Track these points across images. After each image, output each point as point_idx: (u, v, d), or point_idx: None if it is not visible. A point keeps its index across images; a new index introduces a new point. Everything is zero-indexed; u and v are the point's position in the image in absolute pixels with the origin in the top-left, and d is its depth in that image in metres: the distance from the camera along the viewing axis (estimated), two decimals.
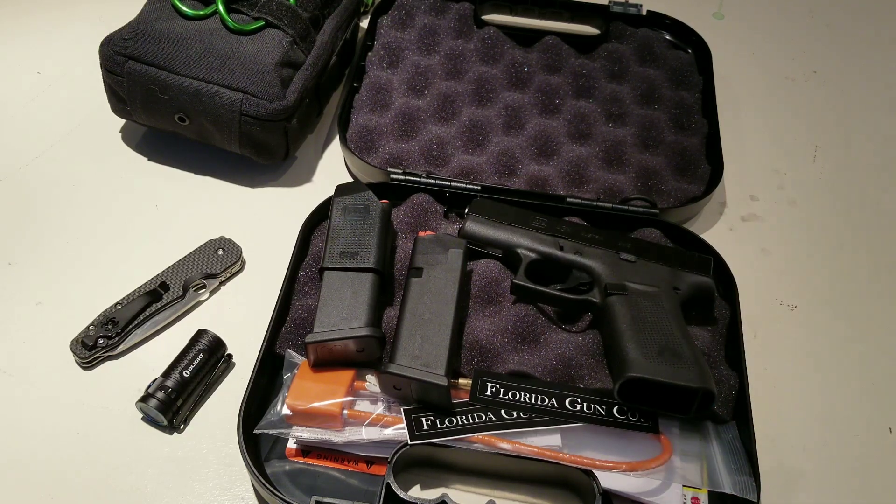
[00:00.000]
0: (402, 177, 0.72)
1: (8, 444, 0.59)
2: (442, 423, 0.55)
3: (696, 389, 0.54)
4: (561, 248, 0.64)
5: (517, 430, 0.55)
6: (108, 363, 0.64)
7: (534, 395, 0.57)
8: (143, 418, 0.60)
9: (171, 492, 0.57)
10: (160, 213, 0.74)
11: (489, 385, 0.57)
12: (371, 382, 0.57)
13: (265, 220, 0.74)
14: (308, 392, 0.56)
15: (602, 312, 0.61)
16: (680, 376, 0.54)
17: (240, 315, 0.67)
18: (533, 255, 0.64)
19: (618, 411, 0.56)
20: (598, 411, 0.56)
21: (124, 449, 0.59)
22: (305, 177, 0.78)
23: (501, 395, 0.57)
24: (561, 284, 0.64)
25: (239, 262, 0.70)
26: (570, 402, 0.56)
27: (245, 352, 0.64)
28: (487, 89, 0.82)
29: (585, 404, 0.57)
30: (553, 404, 0.56)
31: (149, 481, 0.57)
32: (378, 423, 0.56)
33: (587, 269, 0.64)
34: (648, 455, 0.55)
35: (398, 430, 0.55)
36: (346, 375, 0.58)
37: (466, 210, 0.68)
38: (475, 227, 0.66)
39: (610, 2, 0.89)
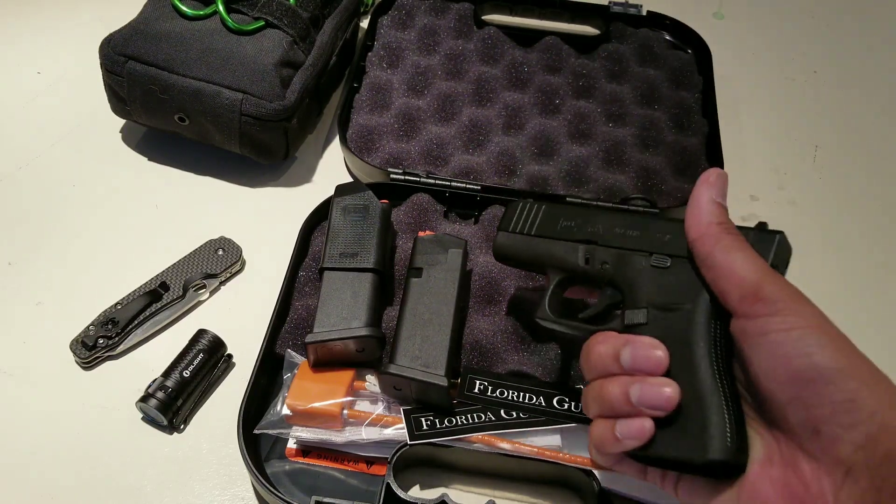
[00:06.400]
0: (402, 177, 0.72)
1: (8, 444, 0.59)
2: (441, 423, 0.55)
3: (701, 465, 0.41)
4: (587, 261, 0.52)
5: (517, 430, 0.55)
6: (108, 363, 0.64)
7: (522, 393, 0.57)
8: (143, 418, 0.60)
9: (171, 492, 0.57)
10: (160, 213, 0.74)
11: (477, 382, 0.57)
12: (371, 382, 0.57)
13: (265, 220, 0.74)
14: (308, 392, 0.56)
15: None
16: (683, 447, 0.41)
17: (240, 315, 0.67)
18: (559, 275, 0.54)
19: None
20: None
21: (124, 449, 0.59)
22: (305, 177, 0.78)
23: (489, 393, 0.57)
24: (589, 310, 0.52)
25: (239, 262, 0.70)
26: (558, 401, 0.56)
27: (245, 352, 0.64)
28: (487, 89, 0.82)
29: (573, 403, 0.56)
30: (541, 402, 0.56)
31: (149, 481, 0.57)
32: (378, 423, 0.56)
33: (616, 285, 0.50)
34: None
35: (398, 430, 0.55)
36: (346, 375, 0.58)
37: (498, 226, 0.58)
38: (505, 243, 0.57)
39: (610, 2, 0.89)
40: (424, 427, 0.55)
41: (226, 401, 0.61)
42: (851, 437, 0.37)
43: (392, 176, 0.72)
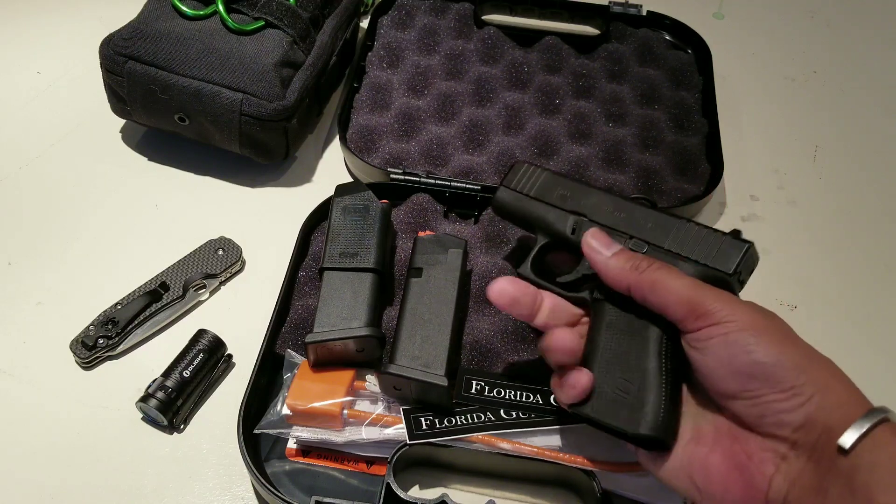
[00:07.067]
0: (402, 177, 0.72)
1: (7, 444, 0.59)
2: (441, 422, 0.55)
3: (631, 436, 0.48)
4: (573, 231, 0.56)
5: (517, 430, 0.55)
6: (108, 363, 0.64)
7: (518, 392, 0.57)
8: (143, 418, 0.60)
9: (171, 492, 0.57)
10: (160, 213, 0.74)
11: (474, 383, 0.57)
12: (371, 382, 0.58)
13: (265, 220, 0.74)
14: (308, 392, 0.56)
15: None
16: (621, 418, 0.48)
17: (240, 315, 0.67)
18: (546, 239, 0.58)
19: None
20: None
21: (124, 449, 0.59)
22: (305, 177, 0.78)
23: (486, 393, 0.57)
24: (567, 275, 0.57)
25: (239, 262, 0.70)
26: (554, 399, 0.56)
27: (245, 352, 0.64)
28: (487, 89, 0.82)
29: None
30: (538, 401, 0.56)
31: (149, 481, 0.57)
32: (378, 423, 0.56)
33: None
34: None
35: (398, 430, 0.55)
36: (346, 375, 0.58)
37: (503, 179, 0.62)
38: (505, 198, 0.61)
39: (610, 2, 0.89)
40: (424, 427, 0.55)
41: (226, 401, 0.62)
42: (792, 419, 0.42)
43: (392, 176, 0.72)
